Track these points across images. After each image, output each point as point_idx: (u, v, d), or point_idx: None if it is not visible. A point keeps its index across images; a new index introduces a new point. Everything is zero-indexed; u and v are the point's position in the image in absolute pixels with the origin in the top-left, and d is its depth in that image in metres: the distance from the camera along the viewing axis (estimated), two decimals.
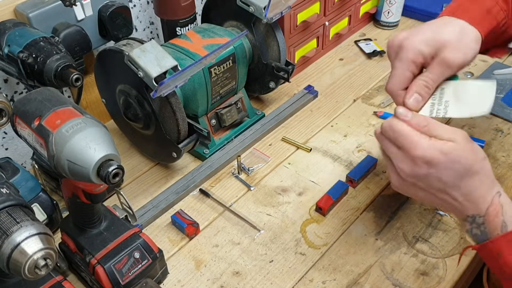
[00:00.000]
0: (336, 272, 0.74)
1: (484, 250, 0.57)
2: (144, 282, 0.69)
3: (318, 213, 0.83)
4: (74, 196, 0.65)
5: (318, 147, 0.96)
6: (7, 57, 0.75)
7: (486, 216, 0.56)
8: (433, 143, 0.56)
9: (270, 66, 0.97)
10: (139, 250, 0.69)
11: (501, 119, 0.98)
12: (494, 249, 0.55)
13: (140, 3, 1.04)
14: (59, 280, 0.66)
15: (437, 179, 0.56)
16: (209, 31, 0.92)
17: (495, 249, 0.55)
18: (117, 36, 0.92)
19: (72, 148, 0.54)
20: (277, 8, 0.89)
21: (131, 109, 0.85)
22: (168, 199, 0.85)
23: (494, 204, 0.56)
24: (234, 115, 0.96)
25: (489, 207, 0.56)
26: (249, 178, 0.90)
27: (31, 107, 0.59)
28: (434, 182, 0.57)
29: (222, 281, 0.74)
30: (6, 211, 0.51)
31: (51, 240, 0.51)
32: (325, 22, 1.14)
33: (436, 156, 0.55)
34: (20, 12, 0.82)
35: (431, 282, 0.72)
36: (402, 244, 0.77)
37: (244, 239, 0.80)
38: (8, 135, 0.93)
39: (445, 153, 0.55)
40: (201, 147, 0.94)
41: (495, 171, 0.87)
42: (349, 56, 1.20)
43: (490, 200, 0.56)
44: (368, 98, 1.07)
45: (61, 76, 0.72)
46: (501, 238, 0.55)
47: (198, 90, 0.87)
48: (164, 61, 0.75)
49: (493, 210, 0.55)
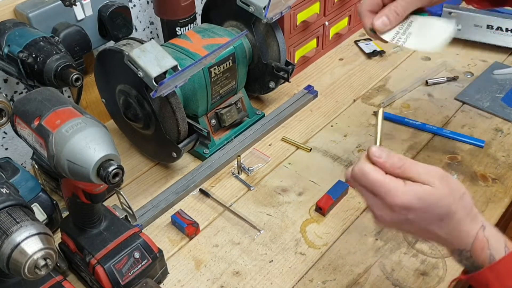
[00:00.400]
0: (336, 272, 0.74)
1: (473, 281, 0.56)
2: (144, 282, 0.69)
3: (318, 213, 0.83)
4: (74, 196, 0.65)
5: (318, 147, 0.96)
6: (7, 57, 0.75)
7: (473, 251, 0.55)
8: (409, 188, 0.53)
9: (270, 66, 0.97)
10: (139, 250, 0.69)
11: (501, 119, 0.98)
12: (482, 280, 0.54)
13: (140, 3, 1.04)
14: (59, 280, 0.66)
15: (417, 222, 0.55)
16: (209, 31, 0.92)
17: (483, 281, 0.54)
18: (117, 36, 0.92)
19: (72, 148, 0.54)
20: (277, 8, 0.89)
21: (131, 109, 0.85)
22: (168, 199, 0.85)
23: (479, 239, 0.54)
24: (234, 115, 0.96)
25: (475, 241, 0.54)
26: (249, 178, 0.90)
27: (31, 107, 0.59)
28: (415, 224, 0.55)
29: (222, 281, 0.74)
30: (6, 211, 0.51)
31: (51, 240, 0.51)
32: (325, 22, 1.14)
33: (413, 202, 0.53)
34: (20, 12, 0.82)
35: (431, 282, 0.72)
36: (402, 244, 0.77)
37: (244, 239, 0.80)
38: (8, 135, 0.93)
39: (422, 199, 0.53)
40: (201, 147, 0.94)
41: (495, 171, 0.87)
42: (349, 56, 1.20)
43: (474, 235, 0.54)
44: (368, 98, 1.07)
45: (61, 76, 0.72)
46: (487, 270, 0.53)
47: (198, 90, 0.87)
48: (164, 61, 0.75)
49: (478, 244, 0.54)
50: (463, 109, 1.02)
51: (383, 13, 0.66)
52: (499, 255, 0.53)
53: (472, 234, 0.54)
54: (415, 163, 0.55)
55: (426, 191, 0.53)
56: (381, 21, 0.66)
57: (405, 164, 0.54)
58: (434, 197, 0.53)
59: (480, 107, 1.01)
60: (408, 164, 0.54)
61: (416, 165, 0.54)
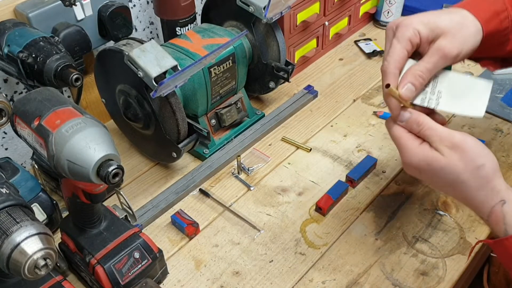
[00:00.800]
0: (336, 272, 0.74)
1: (498, 246, 0.56)
2: (144, 282, 0.69)
3: (318, 213, 0.83)
4: (74, 196, 0.65)
5: (318, 147, 0.96)
6: (7, 57, 0.75)
7: (489, 222, 0.56)
8: (419, 151, 0.57)
9: (270, 66, 0.97)
10: (139, 250, 0.69)
11: (501, 119, 0.98)
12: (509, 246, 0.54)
13: (140, 3, 1.04)
14: (59, 280, 0.66)
15: (430, 182, 0.59)
16: (209, 31, 0.93)
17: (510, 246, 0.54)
18: (117, 36, 0.92)
19: (72, 148, 0.54)
20: (277, 8, 0.89)
21: (131, 109, 0.85)
22: (168, 199, 0.85)
23: (495, 213, 0.55)
24: (234, 115, 0.96)
25: (490, 214, 0.55)
26: (249, 178, 0.90)
27: (31, 107, 0.59)
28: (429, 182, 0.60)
29: (222, 281, 0.74)
30: (6, 211, 0.51)
31: (51, 240, 0.51)
32: (325, 22, 1.14)
33: (421, 164, 0.57)
34: (20, 12, 0.82)
35: (430, 282, 0.72)
36: (402, 244, 0.77)
37: (244, 239, 0.80)
38: (8, 135, 0.93)
39: (429, 164, 0.57)
40: (201, 147, 0.94)
41: None
42: (349, 56, 1.20)
43: (490, 208, 0.55)
44: (368, 98, 1.07)
45: (61, 76, 0.72)
46: None
47: (198, 90, 0.87)
48: (164, 61, 0.75)
49: (494, 218, 0.55)
50: None
51: (407, 79, 0.59)
52: None
53: (488, 206, 0.56)
54: (433, 127, 0.58)
55: (433, 157, 0.56)
56: (406, 88, 0.59)
57: (425, 124, 0.58)
58: (439, 164, 0.56)
59: None
60: (428, 126, 0.58)
61: (432, 130, 0.57)
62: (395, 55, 0.60)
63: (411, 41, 0.60)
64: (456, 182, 0.56)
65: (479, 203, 0.56)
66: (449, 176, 0.56)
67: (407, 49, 0.61)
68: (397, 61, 0.60)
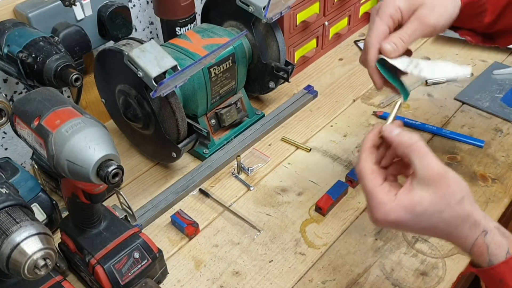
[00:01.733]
0: (335, 272, 0.74)
1: (484, 274, 0.55)
2: (143, 282, 0.69)
3: (317, 213, 0.83)
4: (73, 196, 0.65)
5: (317, 147, 0.96)
6: (6, 57, 0.75)
7: (472, 254, 0.54)
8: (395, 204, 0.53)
9: (270, 66, 0.97)
10: (138, 250, 0.69)
11: (500, 119, 0.98)
12: (495, 275, 0.53)
13: (140, 3, 1.04)
14: (59, 280, 0.66)
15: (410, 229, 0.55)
16: (209, 31, 0.92)
17: (496, 275, 0.53)
18: (117, 36, 0.92)
19: (72, 148, 0.54)
20: (277, 8, 0.89)
21: (130, 109, 0.85)
22: (168, 199, 0.85)
23: (478, 245, 0.53)
24: (233, 115, 0.96)
25: (473, 246, 0.54)
26: (249, 178, 0.90)
27: (31, 107, 0.59)
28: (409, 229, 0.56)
29: (222, 281, 0.74)
30: (6, 211, 0.51)
31: (51, 240, 0.51)
32: (324, 22, 1.14)
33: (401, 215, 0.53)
34: (20, 12, 0.82)
35: (430, 282, 0.72)
36: (402, 244, 0.77)
37: (244, 239, 0.80)
38: (7, 135, 0.93)
39: (410, 211, 0.53)
40: (201, 147, 0.94)
41: (494, 171, 0.87)
42: (349, 56, 1.20)
43: (473, 241, 0.53)
44: (367, 98, 1.07)
45: (60, 76, 0.72)
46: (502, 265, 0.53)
47: (197, 90, 0.87)
48: (163, 61, 0.75)
49: (477, 250, 0.54)
50: (463, 109, 1.02)
51: (389, 39, 0.64)
52: (498, 261, 0.52)
53: (471, 240, 0.54)
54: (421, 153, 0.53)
55: (414, 201, 0.52)
56: (390, 45, 0.63)
57: (413, 149, 0.53)
58: (422, 208, 0.52)
59: (479, 107, 1.01)
60: (416, 151, 0.53)
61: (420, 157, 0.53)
62: (376, 30, 0.64)
63: (392, 17, 0.64)
64: (440, 222, 0.53)
65: (461, 237, 0.54)
66: (433, 218, 0.53)
67: (388, 25, 0.64)
68: (378, 36, 0.64)
